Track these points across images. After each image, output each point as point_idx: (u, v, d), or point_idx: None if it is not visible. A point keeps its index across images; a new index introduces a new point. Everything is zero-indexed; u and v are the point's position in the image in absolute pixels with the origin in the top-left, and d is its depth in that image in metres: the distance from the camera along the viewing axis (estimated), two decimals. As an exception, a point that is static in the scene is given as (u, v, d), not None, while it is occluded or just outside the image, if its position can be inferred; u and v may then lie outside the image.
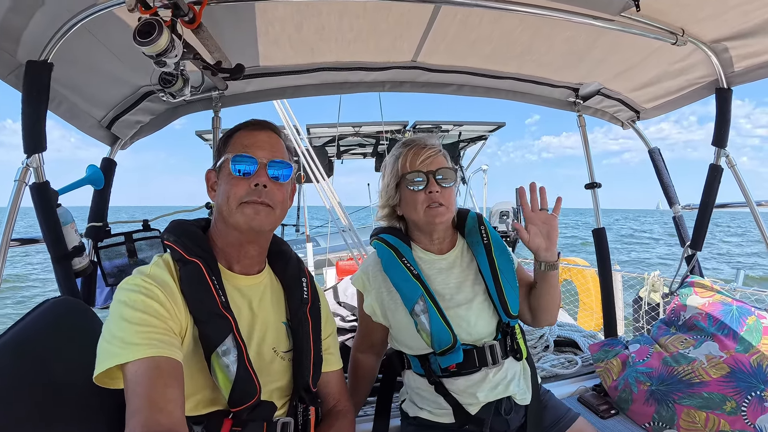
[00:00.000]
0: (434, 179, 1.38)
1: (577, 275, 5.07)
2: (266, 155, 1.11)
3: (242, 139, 1.14)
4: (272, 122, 1.21)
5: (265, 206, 1.09)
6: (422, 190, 1.39)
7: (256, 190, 1.08)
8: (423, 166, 1.39)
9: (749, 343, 1.66)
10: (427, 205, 1.38)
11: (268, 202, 1.10)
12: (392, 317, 1.43)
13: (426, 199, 1.38)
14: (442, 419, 1.39)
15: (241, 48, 1.63)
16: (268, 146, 1.13)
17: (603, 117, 2.37)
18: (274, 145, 1.15)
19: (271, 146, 1.14)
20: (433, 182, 1.38)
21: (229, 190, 1.08)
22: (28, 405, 0.94)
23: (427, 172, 1.39)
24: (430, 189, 1.38)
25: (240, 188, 1.08)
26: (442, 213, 1.39)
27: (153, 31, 1.13)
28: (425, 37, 1.68)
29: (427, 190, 1.38)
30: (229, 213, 1.09)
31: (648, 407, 1.69)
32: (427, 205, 1.38)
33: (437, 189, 1.38)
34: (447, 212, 1.40)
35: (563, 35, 1.69)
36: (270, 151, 1.13)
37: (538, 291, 1.43)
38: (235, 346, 1.01)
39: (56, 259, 1.48)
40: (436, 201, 1.38)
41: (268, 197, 1.10)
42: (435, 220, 1.39)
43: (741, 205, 1.99)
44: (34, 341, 1.07)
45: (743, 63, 1.79)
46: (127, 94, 1.74)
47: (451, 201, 1.41)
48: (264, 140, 1.14)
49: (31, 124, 1.33)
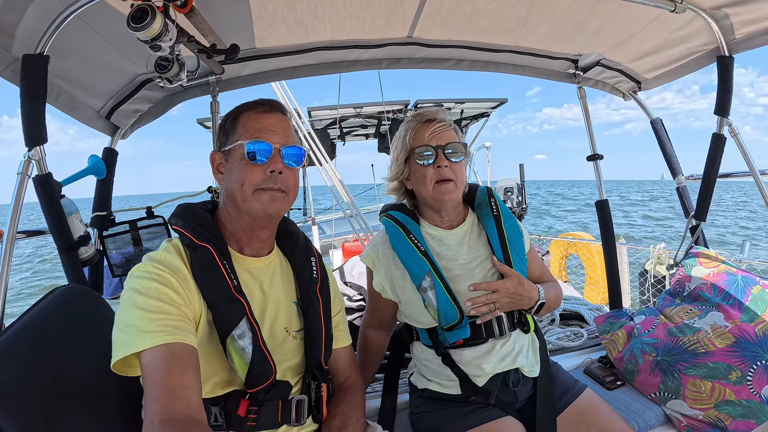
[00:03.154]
0: (443, 153, 1.36)
1: (582, 249, 5.04)
2: (280, 140, 1.09)
3: (252, 122, 1.11)
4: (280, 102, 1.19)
5: (281, 192, 1.09)
6: (431, 165, 1.36)
7: (272, 177, 1.07)
8: (432, 140, 1.37)
9: (754, 312, 1.66)
10: (436, 181, 1.37)
11: (283, 188, 1.09)
12: (401, 293, 1.44)
13: (435, 174, 1.36)
14: (450, 390, 1.40)
15: (235, 30, 1.62)
16: (280, 130, 1.11)
17: (604, 88, 2.34)
18: (286, 129, 1.13)
19: (283, 130, 1.12)
20: (442, 156, 1.36)
21: (244, 177, 1.07)
22: (42, 392, 0.96)
23: (436, 146, 1.36)
24: (438, 163, 1.36)
25: (256, 175, 1.07)
26: (451, 190, 1.37)
27: (146, 17, 1.13)
28: (420, 12, 1.66)
29: (436, 164, 1.36)
30: (244, 199, 1.07)
31: (654, 378, 1.70)
32: (436, 181, 1.37)
33: (446, 163, 1.35)
34: (456, 189, 1.38)
35: (560, 5, 1.66)
36: (283, 135, 1.11)
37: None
38: (250, 328, 1.02)
39: (63, 249, 1.49)
40: (446, 176, 1.36)
41: (283, 183, 1.09)
42: (444, 197, 1.37)
43: (745, 174, 1.96)
44: (46, 328, 1.09)
45: (744, 30, 1.75)
46: (125, 83, 1.74)
47: (461, 177, 1.39)
48: (276, 124, 1.12)
49: (30, 117, 1.34)
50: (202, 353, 0.98)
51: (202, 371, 0.95)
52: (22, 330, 1.04)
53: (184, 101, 1.96)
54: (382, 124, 5.93)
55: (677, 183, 2.22)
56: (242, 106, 1.15)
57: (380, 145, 6.44)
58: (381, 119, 5.80)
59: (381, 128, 6.10)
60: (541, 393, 1.42)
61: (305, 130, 3.94)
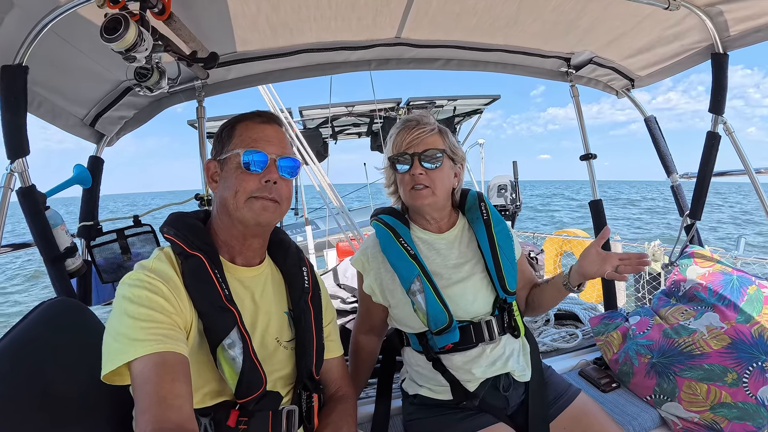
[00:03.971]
0: (418, 161, 1.37)
1: (576, 246, 5.05)
2: (276, 151, 1.11)
3: (249, 132, 1.12)
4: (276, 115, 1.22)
5: (273, 202, 1.10)
6: (407, 172, 1.39)
7: (266, 187, 1.09)
8: (409, 148, 1.39)
9: (750, 313, 1.65)
10: (411, 187, 1.39)
11: (276, 198, 1.10)
12: (391, 297, 1.44)
13: (410, 180, 1.39)
14: (441, 396, 1.40)
15: (217, 34, 1.59)
16: (276, 141, 1.13)
17: (596, 86, 2.32)
18: (282, 140, 1.15)
19: (279, 141, 1.14)
20: (417, 164, 1.37)
21: (238, 185, 1.08)
22: (31, 409, 0.95)
23: (413, 154, 1.38)
24: (412, 171, 1.38)
25: (250, 184, 1.08)
26: (425, 195, 1.38)
27: (119, 27, 1.10)
28: (407, 12, 1.63)
29: (410, 171, 1.38)
30: (236, 207, 1.08)
31: (649, 380, 1.69)
32: (411, 187, 1.39)
33: (420, 171, 1.37)
34: (431, 195, 1.39)
35: (550, 4, 1.63)
36: (279, 146, 1.13)
37: (547, 296, 1.53)
38: (240, 338, 1.02)
39: (49, 261, 1.48)
40: (420, 183, 1.37)
41: (277, 193, 1.11)
42: (417, 202, 1.40)
43: (740, 173, 1.94)
44: (33, 344, 1.08)
45: (739, 27, 1.73)
46: (108, 90, 1.71)
47: (438, 183, 1.39)
48: (272, 135, 1.14)
49: (11, 129, 1.31)
50: (192, 362, 0.97)
51: (193, 381, 0.94)
52: (6, 348, 1.03)
53: (171, 106, 1.93)
54: (374, 123, 5.90)
55: (671, 182, 2.19)
56: (239, 116, 1.17)
57: (372, 144, 6.40)
58: (373, 117, 5.77)
59: (373, 126, 6.06)
60: (534, 398, 1.42)
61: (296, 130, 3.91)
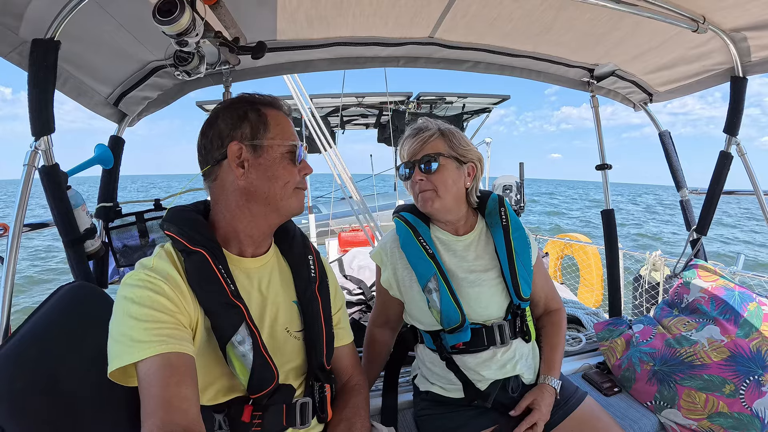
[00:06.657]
0: (418, 168, 1.42)
1: (578, 251, 5.11)
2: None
3: (285, 123, 1.14)
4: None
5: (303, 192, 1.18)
6: (411, 179, 1.45)
7: (304, 179, 1.16)
8: (411, 156, 1.45)
9: (750, 328, 1.72)
10: (417, 193, 1.45)
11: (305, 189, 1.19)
12: (406, 293, 1.48)
13: (415, 187, 1.45)
14: (452, 394, 1.44)
15: (257, 23, 1.57)
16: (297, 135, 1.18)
17: (615, 98, 2.35)
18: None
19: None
20: (417, 171, 1.43)
21: (287, 176, 1.10)
22: (50, 398, 0.95)
23: (413, 161, 1.44)
24: (414, 178, 1.44)
25: (297, 175, 1.12)
26: (431, 198, 1.42)
27: (174, 9, 1.07)
28: (445, 13, 1.63)
29: (412, 179, 1.44)
30: (284, 197, 1.10)
31: (650, 386, 1.76)
32: (417, 193, 1.45)
33: (421, 177, 1.42)
34: (436, 197, 1.42)
35: (585, 16, 1.65)
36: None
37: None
38: (249, 334, 1.00)
39: (69, 243, 1.43)
40: (423, 188, 1.43)
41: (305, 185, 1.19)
42: (424, 207, 1.46)
43: (749, 193, 2.01)
44: (54, 330, 1.06)
45: (760, 53, 1.79)
46: (135, 69, 1.66)
47: (440, 185, 1.41)
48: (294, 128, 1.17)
49: (38, 105, 1.26)
50: (201, 360, 0.97)
51: (202, 378, 0.95)
52: (28, 335, 1.02)
53: (195, 90, 1.90)
54: (383, 115, 5.88)
55: (681, 196, 2.26)
56: (260, 101, 1.13)
57: (380, 136, 6.38)
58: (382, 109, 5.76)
59: (381, 119, 6.04)
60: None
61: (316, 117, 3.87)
